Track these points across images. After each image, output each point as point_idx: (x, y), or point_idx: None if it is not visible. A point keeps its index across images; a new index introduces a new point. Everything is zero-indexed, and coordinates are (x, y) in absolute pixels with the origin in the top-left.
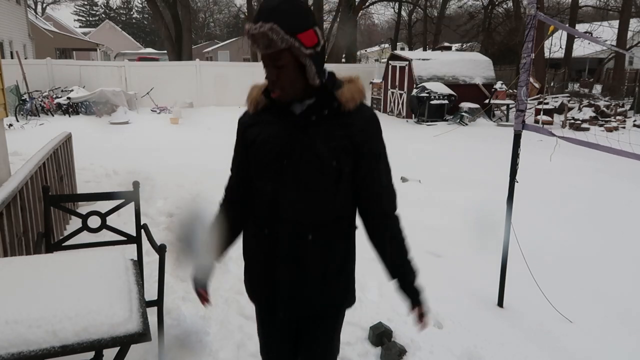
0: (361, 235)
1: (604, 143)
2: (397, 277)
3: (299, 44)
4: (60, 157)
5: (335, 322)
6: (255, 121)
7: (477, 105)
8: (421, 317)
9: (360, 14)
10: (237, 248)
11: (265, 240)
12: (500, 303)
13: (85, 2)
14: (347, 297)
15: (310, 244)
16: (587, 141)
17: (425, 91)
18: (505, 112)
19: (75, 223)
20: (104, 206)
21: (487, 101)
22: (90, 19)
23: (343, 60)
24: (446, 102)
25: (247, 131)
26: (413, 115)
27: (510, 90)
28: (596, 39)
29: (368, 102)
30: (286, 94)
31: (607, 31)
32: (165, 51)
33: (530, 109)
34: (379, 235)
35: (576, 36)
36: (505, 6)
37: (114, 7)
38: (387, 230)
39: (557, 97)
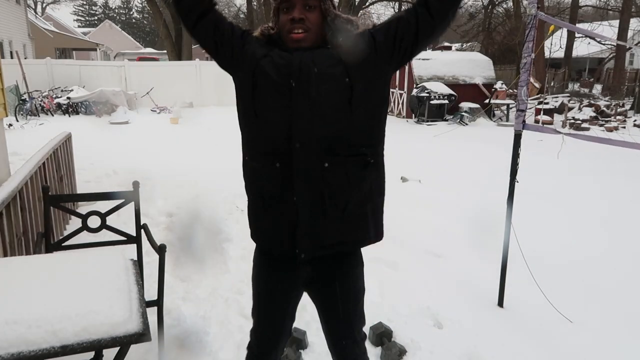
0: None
1: (604, 143)
2: None
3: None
4: (60, 157)
5: (358, 260)
6: (261, 42)
7: (477, 105)
8: None
9: (360, 13)
10: (235, 249)
11: (278, 175)
12: (500, 303)
13: (85, 2)
14: (370, 232)
15: (328, 173)
16: (591, 136)
17: (425, 91)
18: (506, 112)
19: (75, 223)
20: (103, 206)
21: (487, 101)
22: (90, 18)
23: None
24: (446, 102)
25: (252, 43)
26: (413, 115)
27: (511, 90)
28: (598, 34)
29: None
30: (309, 35)
31: (607, 31)
32: (165, 51)
33: (530, 108)
34: None
35: (578, 33)
36: (505, 6)
37: (113, 7)
38: None
39: (557, 97)
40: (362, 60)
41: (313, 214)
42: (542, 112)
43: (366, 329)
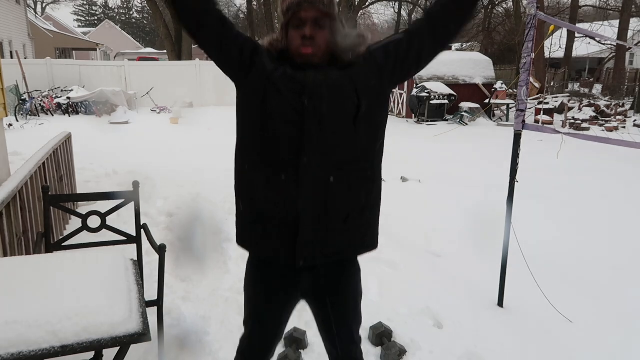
0: None
1: (604, 142)
2: None
3: (337, 19)
4: (60, 157)
5: (357, 267)
6: (271, 55)
7: (477, 105)
8: None
9: (360, 13)
10: (235, 249)
11: (283, 187)
12: (500, 303)
13: (85, 2)
14: (367, 240)
15: (332, 187)
16: (591, 135)
17: (425, 91)
18: (505, 112)
19: (75, 223)
20: (104, 206)
21: (487, 101)
22: (90, 18)
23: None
24: (446, 102)
25: (262, 55)
26: (413, 115)
27: (511, 90)
28: (597, 34)
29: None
30: (318, 52)
31: (607, 31)
32: (165, 51)
33: (530, 108)
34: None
35: (577, 33)
36: (505, 6)
37: (113, 7)
38: None
39: (557, 97)
40: (371, 84)
41: (315, 224)
42: (542, 112)
43: (366, 329)
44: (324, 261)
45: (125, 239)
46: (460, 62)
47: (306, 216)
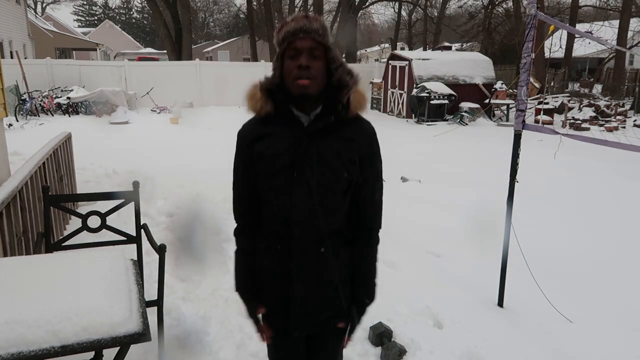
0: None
1: (602, 145)
2: (357, 294)
3: (333, 48)
4: (60, 157)
5: (342, 329)
6: (262, 133)
7: (477, 105)
8: (349, 337)
9: (360, 13)
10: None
11: (278, 256)
12: (500, 303)
13: (85, 2)
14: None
15: (323, 257)
16: (589, 137)
17: (425, 91)
18: (505, 112)
19: (75, 223)
20: (104, 206)
21: (487, 101)
22: (90, 18)
23: (343, 60)
24: (446, 102)
25: (255, 145)
26: (413, 115)
27: (511, 90)
28: (597, 37)
29: (368, 103)
30: (314, 84)
31: (608, 31)
32: (165, 51)
33: (530, 108)
34: (358, 248)
35: (577, 35)
36: (505, 6)
37: (113, 7)
38: (368, 245)
39: (557, 97)
40: (353, 160)
41: (307, 295)
42: (542, 112)
43: (366, 329)
44: (316, 330)
45: (125, 239)
46: (460, 62)
47: (299, 289)
